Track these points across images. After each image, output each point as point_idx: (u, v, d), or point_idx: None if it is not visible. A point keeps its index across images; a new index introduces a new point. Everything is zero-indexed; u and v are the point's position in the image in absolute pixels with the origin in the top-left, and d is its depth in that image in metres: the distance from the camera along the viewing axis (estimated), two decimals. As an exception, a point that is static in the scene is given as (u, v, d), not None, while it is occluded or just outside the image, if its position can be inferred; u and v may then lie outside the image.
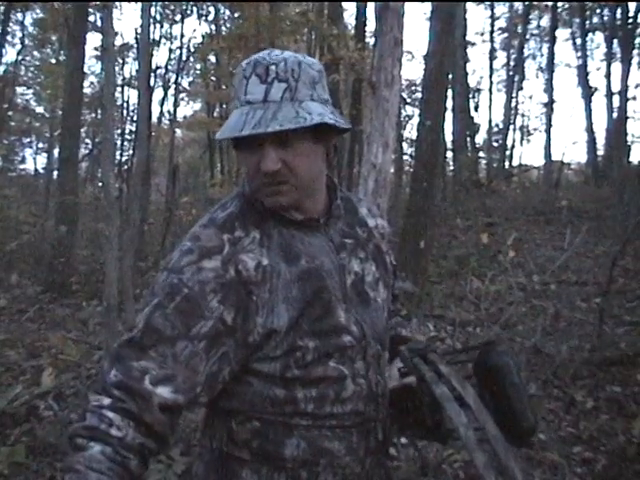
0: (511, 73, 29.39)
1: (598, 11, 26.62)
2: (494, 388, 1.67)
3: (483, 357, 1.73)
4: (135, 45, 22.68)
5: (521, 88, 29.80)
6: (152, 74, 20.93)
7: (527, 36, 29.88)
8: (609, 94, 24.37)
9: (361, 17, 16.79)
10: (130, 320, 4.86)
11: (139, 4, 19.49)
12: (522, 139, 33.44)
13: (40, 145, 29.97)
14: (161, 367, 1.45)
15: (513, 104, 28.51)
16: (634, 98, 24.26)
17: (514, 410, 1.64)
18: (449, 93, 19.31)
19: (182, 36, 23.57)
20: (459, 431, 1.48)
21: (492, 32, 30.22)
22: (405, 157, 25.21)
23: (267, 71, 1.53)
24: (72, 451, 1.38)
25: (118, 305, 4.76)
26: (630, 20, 21.40)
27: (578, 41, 28.14)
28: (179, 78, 24.70)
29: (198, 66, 26.48)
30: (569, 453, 4.65)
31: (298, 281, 1.57)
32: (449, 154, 23.28)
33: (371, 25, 17.26)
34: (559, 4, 26.48)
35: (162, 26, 23.14)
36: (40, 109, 28.81)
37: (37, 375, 6.37)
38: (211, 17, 22.34)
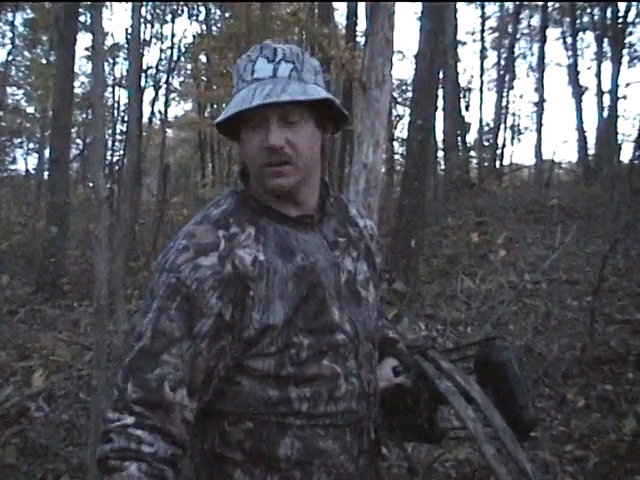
0: (502, 72, 29.46)
1: (588, 10, 26.73)
2: (496, 382, 1.68)
3: (484, 353, 1.74)
4: (126, 45, 22.65)
5: (512, 87, 29.90)
6: (143, 74, 20.92)
7: (518, 35, 29.95)
8: (599, 93, 24.48)
9: (352, 17, 16.82)
10: (121, 321, 4.84)
11: (129, 4, 19.47)
12: (513, 138, 33.54)
13: (31, 145, 29.93)
14: (176, 369, 1.47)
15: (504, 103, 28.57)
16: (624, 97, 24.47)
17: (517, 403, 1.66)
18: (440, 92, 19.32)
19: (173, 36, 23.60)
20: (467, 425, 1.49)
21: (483, 31, 30.30)
22: (396, 156, 25.28)
23: (275, 52, 1.60)
24: (106, 474, 1.42)
25: (109, 306, 4.73)
26: (620, 19, 21.46)
27: (568, 40, 28.21)
28: (170, 78, 24.72)
29: (189, 66, 26.48)
30: (560, 451, 4.66)
31: (294, 277, 1.57)
32: (440, 153, 23.30)
33: (362, 25, 17.28)
34: (549, 3, 26.55)
35: (153, 26, 23.15)
36: (31, 109, 28.80)
37: (28, 376, 6.35)
38: (202, 17, 22.35)
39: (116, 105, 25.50)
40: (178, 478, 1.48)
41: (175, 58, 23.78)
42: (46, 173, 16.48)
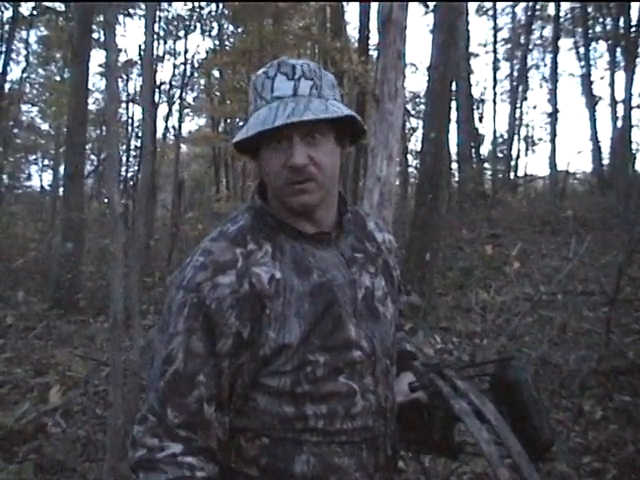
0: (515, 83, 29.41)
1: (601, 20, 26.67)
2: (511, 403, 1.67)
3: (500, 373, 1.73)
4: (139, 61, 22.78)
5: (525, 98, 29.76)
6: (156, 90, 21.02)
7: (530, 46, 29.92)
8: (613, 103, 24.42)
9: (364, 30, 16.82)
10: (137, 336, 4.85)
11: (142, 20, 19.59)
12: (527, 149, 33.45)
13: (46, 162, 30.09)
14: (209, 388, 1.50)
15: (517, 114, 28.50)
16: (638, 106, 24.27)
17: (532, 425, 1.64)
18: (453, 105, 19.31)
19: (186, 52, 23.70)
20: (481, 447, 1.48)
21: (495, 43, 30.25)
22: (410, 169, 25.26)
23: (294, 69, 1.58)
24: None
25: (125, 321, 4.75)
26: (633, 29, 21.41)
27: (581, 50, 28.22)
28: (183, 93, 24.82)
29: (202, 81, 26.59)
30: (578, 464, 4.62)
31: (310, 295, 1.57)
32: (454, 165, 23.28)
33: (374, 38, 17.33)
34: (561, 14, 26.54)
35: (166, 42, 23.30)
36: (45, 126, 28.97)
37: (44, 392, 6.38)
38: (214, 32, 22.43)
39: (130, 121, 25.58)
40: None
41: (188, 74, 23.92)
42: (61, 189, 16.53)
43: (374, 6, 15.64)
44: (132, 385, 4.70)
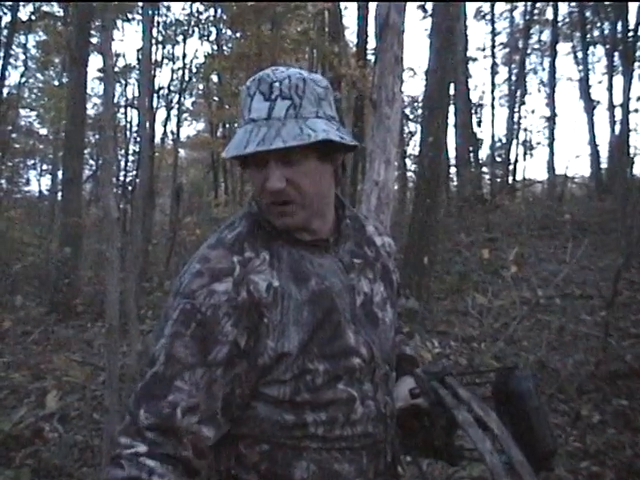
0: (513, 88, 29.36)
1: (599, 24, 26.71)
2: (514, 412, 1.66)
3: (503, 382, 1.72)
4: (137, 66, 22.76)
5: (523, 102, 29.72)
6: (155, 95, 21.01)
7: (528, 51, 29.88)
8: (611, 107, 24.41)
9: (362, 35, 16.84)
10: (134, 341, 4.85)
11: (140, 25, 19.60)
12: (525, 153, 33.19)
13: (44, 167, 30.01)
14: (190, 396, 1.44)
15: (515, 119, 28.43)
16: (636, 111, 24.26)
17: (535, 434, 1.64)
18: (451, 109, 19.31)
19: (184, 56, 23.59)
20: (484, 457, 1.47)
21: (493, 47, 30.22)
22: (409, 173, 25.26)
23: (271, 88, 1.53)
24: None
25: (122, 326, 4.75)
26: (630, 33, 21.43)
27: (579, 55, 28.27)
28: (182, 98, 24.76)
29: (201, 86, 26.55)
30: (576, 468, 4.62)
31: (308, 303, 1.55)
32: (452, 170, 23.26)
33: (372, 43, 17.34)
34: (559, 18, 26.58)
35: (164, 47, 23.24)
36: (43, 131, 28.93)
37: (42, 397, 6.36)
38: (213, 37, 22.41)
39: (128, 126, 25.56)
40: None
41: (187, 78, 23.85)
42: (59, 194, 16.54)
43: (372, 11, 15.68)
44: (129, 390, 4.70)
